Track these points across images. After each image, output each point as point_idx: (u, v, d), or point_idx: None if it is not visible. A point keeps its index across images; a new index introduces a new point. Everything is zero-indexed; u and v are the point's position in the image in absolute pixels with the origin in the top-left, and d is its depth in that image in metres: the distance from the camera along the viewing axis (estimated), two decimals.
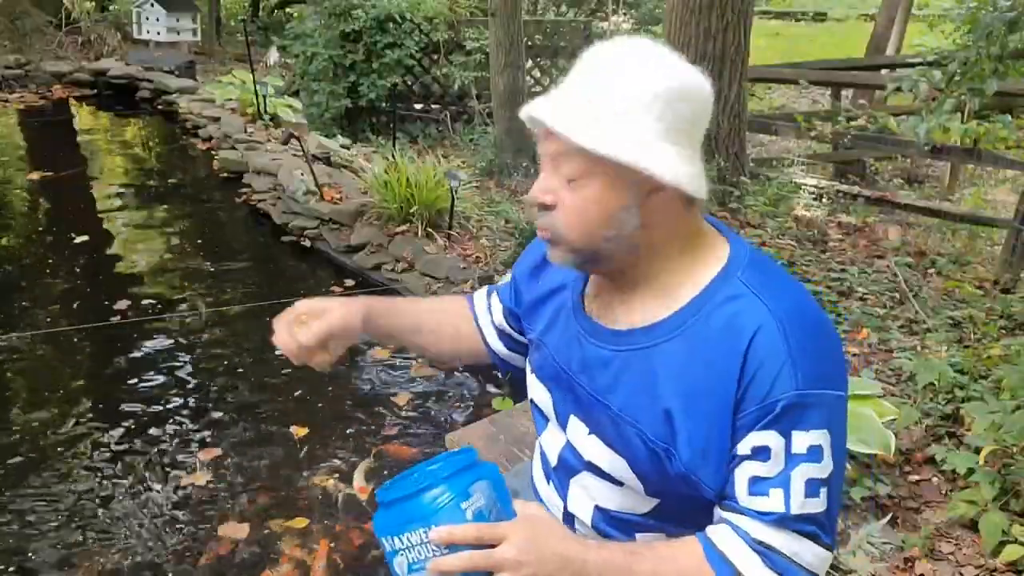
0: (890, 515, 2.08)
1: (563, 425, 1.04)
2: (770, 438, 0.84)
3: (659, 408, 0.91)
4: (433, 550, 0.80)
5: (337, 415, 2.87)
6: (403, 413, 2.90)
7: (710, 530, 0.91)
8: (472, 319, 1.24)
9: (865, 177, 6.22)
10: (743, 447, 0.86)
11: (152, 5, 9.41)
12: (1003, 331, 3.17)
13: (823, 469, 0.85)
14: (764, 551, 0.86)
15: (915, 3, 9.30)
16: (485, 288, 1.28)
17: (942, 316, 3.30)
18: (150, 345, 3.33)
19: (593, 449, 0.99)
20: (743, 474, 0.86)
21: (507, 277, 1.24)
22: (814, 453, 0.84)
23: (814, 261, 3.97)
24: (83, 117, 8.08)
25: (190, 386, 3.03)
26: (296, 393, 3.00)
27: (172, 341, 3.38)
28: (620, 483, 0.98)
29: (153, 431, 2.71)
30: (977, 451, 2.18)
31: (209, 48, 11.28)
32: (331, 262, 4.34)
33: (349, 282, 4.10)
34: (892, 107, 6.58)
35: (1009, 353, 2.73)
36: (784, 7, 19.46)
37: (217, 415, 2.84)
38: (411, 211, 4.18)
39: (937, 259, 4.16)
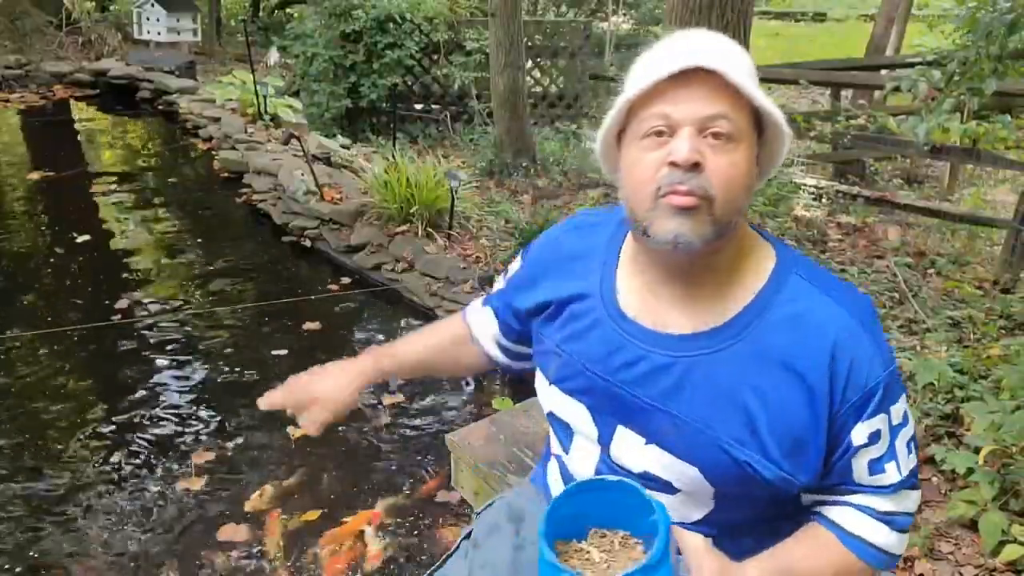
0: None
1: (606, 437, 0.99)
2: (878, 422, 0.90)
3: (736, 413, 0.89)
4: None
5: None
6: (402, 412, 2.91)
7: (834, 516, 0.96)
8: (470, 339, 1.23)
9: (865, 177, 6.21)
10: (858, 437, 0.90)
11: (152, 5, 9.41)
12: (1003, 331, 3.17)
13: (911, 427, 0.95)
14: (889, 518, 0.95)
15: (915, 3, 9.29)
16: (480, 301, 1.25)
17: (942, 316, 3.30)
18: (150, 345, 3.34)
19: (651, 459, 0.95)
20: (861, 460, 0.92)
21: (498, 283, 1.21)
22: (906, 418, 0.93)
23: (814, 261, 3.98)
24: (83, 117, 8.08)
25: (190, 386, 3.04)
26: None
27: (172, 340, 3.39)
28: (676, 490, 0.96)
29: (152, 431, 2.72)
30: (977, 451, 2.19)
31: (209, 48, 11.28)
32: (331, 262, 4.34)
33: (345, 280, 4.10)
34: (892, 107, 6.58)
35: (1009, 353, 2.73)
36: (784, 7, 19.46)
37: (216, 415, 2.84)
38: (411, 211, 4.18)
39: (937, 259, 4.16)
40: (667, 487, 0.96)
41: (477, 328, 1.22)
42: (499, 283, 1.20)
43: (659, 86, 0.86)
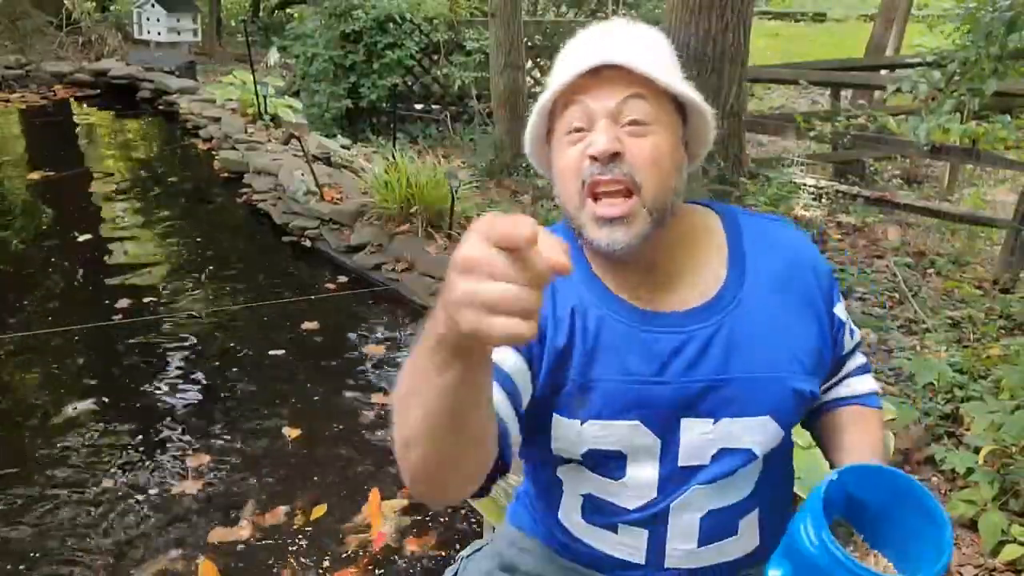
0: None
1: (670, 440, 0.93)
2: (840, 297, 1.04)
3: (779, 348, 0.95)
4: None
5: (330, 414, 2.87)
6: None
7: (848, 391, 1.08)
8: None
9: (864, 177, 6.21)
10: (841, 314, 1.03)
11: (153, 5, 9.41)
12: (1002, 331, 3.17)
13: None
14: (868, 366, 1.12)
15: (915, 3, 9.29)
16: None
17: (941, 316, 3.30)
18: (150, 344, 3.34)
19: (724, 435, 0.93)
20: (846, 331, 1.05)
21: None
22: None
23: None
24: (84, 117, 8.08)
25: (189, 386, 3.03)
26: (294, 393, 3.00)
27: (172, 340, 3.39)
28: (750, 457, 0.94)
29: (150, 432, 2.71)
30: (976, 451, 2.19)
31: (209, 48, 11.29)
32: (331, 262, 4.34)
33: (346, 280, 4.10)
34: (892, 107, 6.58)
35: (1008, 353, 2.73)
36: (784, 7, 19.45)
37: (214, 416, 2.84)
38: (411, 211, 4.18)
39: (936, 259, 4.17)
40: (746, 457, 0.94)
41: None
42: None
43: (575, 84, 0.87)
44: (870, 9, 14.26)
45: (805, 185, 5.04)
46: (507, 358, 0.92)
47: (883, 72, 6.98)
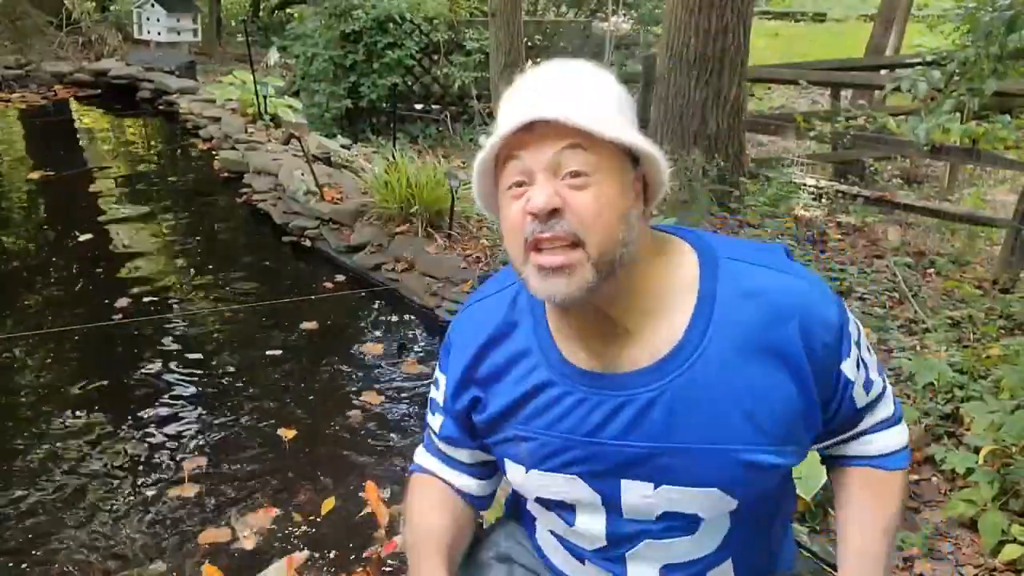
0: None
1: (610, 498, 0.94)
2: (854, 349, 0.94)
3: (736, 415, 0.87)
4: None
5: (329, 414, 2.86)
6: (397, 411, 2.91)
7: (863, 450, 1.01)
8: (450, 491, 1.10)
9: (864, 177, 6.22)
10: (849, 373, 0.93)
11: (152, 5, 9.41)
12: (1002, 331, 3.17)
13: (862, 329, 0.99)
14: (896, 418, 1.02)
15: (915, 4, 9.29)
16: (427, 451, 1.13)
17: (941, 316, 3.30)
18: (149, 345, 3.34)
19: (667, 499, 0.91)
20: (858, 388, 0.96)
21: (434, 421, 1.10)
22: (858, 328, 0.97)
23: (813, 261, 3.98)
24: (84, 117, 8.08)
25: (188, 386, 3.03)
26: (294, 393, 3.00)
27: (171, 341, 3.39)
28: (697, 523, 0.93)
29: (149, 433, 2.71)
30: (976, 451, 2.19)
31: (209, 48, 11.29)
32: (331, 262, 4.34)
33: (346, 280, 4.10)
34: (892, 107, 6.58)
35: (1008, 353, 2.73)
36: (784, 7, 19.45)
37: (213, 415, 2.84)
38: (411, 211, 4.19)
39: (936, 259, 4.17)
40: (691, 522, 0.93)
41: (443, 472, 1.11)
42: (435, 421, 1.09)
43: (512, 139, 0.84)
44: (870, 9, 14.26)
45: (805, 185, 5.04)
46: (456, 452, 1.08)
47: (883, 72, 6.98)
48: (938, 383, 2.56)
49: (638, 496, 0.92)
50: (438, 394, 1.07)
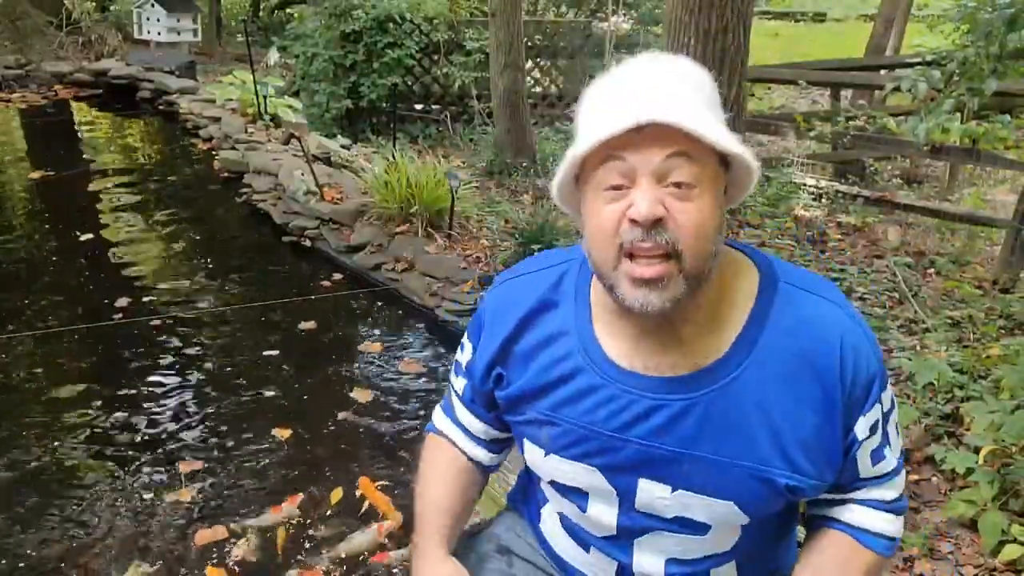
0: None
1: (625, 493, 0.94)
2: (875, 412, 0.91)
3: (762, 435, 0.87)
4: None
5: (328, 414, 2.86)
6: (395, 410, 2.90)
7: (846, 517, 0.97)
8: (463, 457, 1.13)
9: (864, 177, 6.22)
10: (861, 431, 0.90)
11: (152, 5, 9.42)
12: (1002, 331, 3.17)
13: (896, 410, 0.95)
14: (895, 506, 0.97)
15: (915, 3, 9.29)
16: (444, 413, 1.15)
17: (941, 316, 3.30)
18: (149, 345, 3.33)
19: (682, 504, 0.92)
20: (864, 453, 0.92)
21: (457, 383, 1.11)
22: (893, 403, 0.94)
23: (813, 261, 3.98)
24: (84, 117, 8.08)
25: (188, 386, 3.03)
26: (294, 393, 3.00)
27: (171, 340, 3.39)
28: (706, 529, 0.93)
29: (147, 433, 2.71)
30: (976, 451, 2.19)
31: (209, 48, 11.29)
32: (331, 262, 4.34)
33: (346, 280, 4.10)
34: (891, 107, 6.59)
35: (1008, 353, 2.73)
36: (784, 7, 19.45)
37: (212, 415, 2.84)
38: (411, 211, 4.19)
39: (936, 259, 4.17)
40: (700, 528, 0.93)
41: (457, 437, 1.13)
42: (458, 383, 1.10)
43: (618, 137, 0.80)
44: (870, 9, 14.26)
45: (805, 185, 5.05)
46: (473, 423, 1.10)
47: (883, 72, 6.98)
48: (938, 383, 2.56)
49: (655, 496, 0.92)
50: (463, 357, 1.08)
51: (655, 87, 0.82)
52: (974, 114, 4.41)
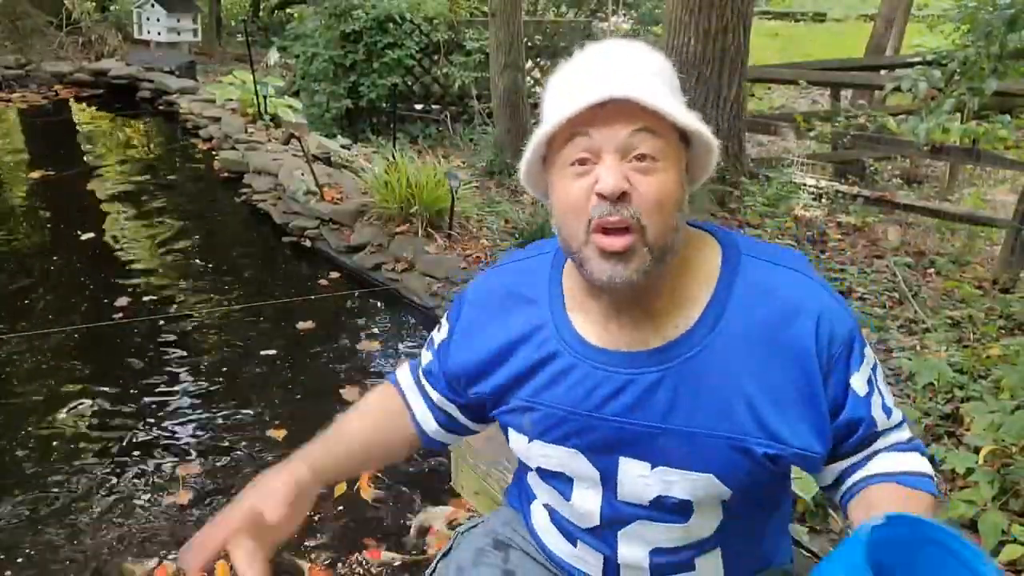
0: None
1: (609, 474, 0.95)
2: (866, 369, 0.92)
3: (738, 404, 0.88)
4: None
5: (328, 414, 2.86)
6: None
7: (881, 467, 0.95)
8: (407, 414, 1.12)
9: (864, 177, 6.22)
10: (860, 388, 0.91)
11: (152, 5, 9.42)
12: (1002, 331, 3.17)
13: (879, 367, 0.97)
14: (914, 445, 0.98)
15: (915, 3, 9.29)
16: (409, 370, 1.14)
17: (941, 316, 3.30)
18: (149, 344, 3.34)
19: (662, 482, 0.92)
20: (876, 407, 0.93)
21: (425, 355, 1.11)
22: (876, 361, 0.95)
23: (813, 261, 3.98)
24: (84, 117, 8.09)
25: (188, 386, 3.03)
26: (293, 393, 3.00)
27: (171, 340, 3.39)
28: (689, 512, 0.93)
29: (145, 434, 2.71)
30: (976, 451, 2.19)
31: (209, 48, 11.29)
32: (331, 262, 4.34)
33: (342, 279, 4.10)
34: (891, 107, 6.59)
35: (1008, 353, 2.73)
36: (784, 7, 19.45)
37: (211, 415, 2.84)
38: (411, 211, 4.19)
39: (936, 259, 4.17)
40: (683, 508, 0.93)
41: (416, 406, 1.12)
42: (426, 356, 1.11)
43: (582, 114, 0.83)
44: (870, 9, 14.26)
45: (805, 185, 5.05)
46: (432, 393, 1.09)
47: (883, 72, 6.98)
48: (938, 383, 2.56)
49: (635, 475, 0.93)
50: (438, 336, 1.09)
51: (617, 67, 0.86)
52: (974, 114, 4.41)
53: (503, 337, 0.99)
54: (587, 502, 0.98)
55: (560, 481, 0.99)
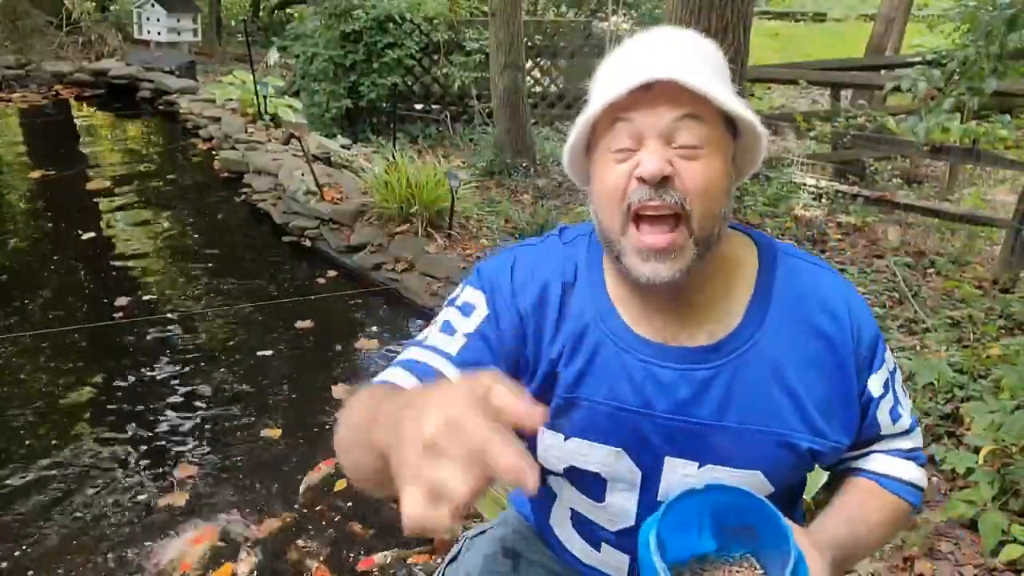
0: None
1: (651, 474, 0.91)
2: (884, 371, 0.93)
3: (785, 401, 0.88)
4: None
5: (326, 413, 2.86)
6: None
7: (868, 466, 0.98)
8: None
9: (864, 177, 6.21)
10: (875, 389, 0.92)
11: (153, 5, 9.42)
12: (1002, 331, 3.17)
13: (898, 370, 0.98)
14: (913, 455, 0.98)
15: (915, 3, 9.29)
16: (400, 371, 0.89)
17: (941, 316, 3.30)
18: (149, 344, 3.34)
19: (710, 479, 0.88)
20: (884, 412, 0.94)
21: (453, 342, 0.90)
22: (895, 364, 0.97)
23: None
24: (84, 117, 8.08)
25: (186, 385, 3.03)
26: (292, 393, 3.00)
27: (171, 341, 3.39)
28: None
29: (144, 432, 2.71)
30: (976, 451, 2.19)
31: (209, 48, 11.29)
32: (331, 262, 4.34)
33: (342, 278, 4.10)
34: (892, 107, 6.59)
35: (1008, 353, 2.73)
36: (784, 7, 19.44)
37: (210, 416, 2.84)
38: (411, 211, 4.18)
39: (936, 259, 4.17)
40: None
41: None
42: (453, 344, 0.91)
43: (626, 99, 0.80)
44: (870, 9, 14.26)
45: (805, 185, 5.04)
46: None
47: (883, 72, 6.98)
48: (938, 383, 2.56)
49: (680, 475, 0.90)
50: (468, 324, 0.93)
51: (662, 52, 0.83)
52: (974, 114, 4.41)
53: (559, 327, 0.91)
54: (624, 502, 0.94)
55: (594, 481, 0.94)
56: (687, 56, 0.83)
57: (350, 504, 2.37)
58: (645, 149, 0.81)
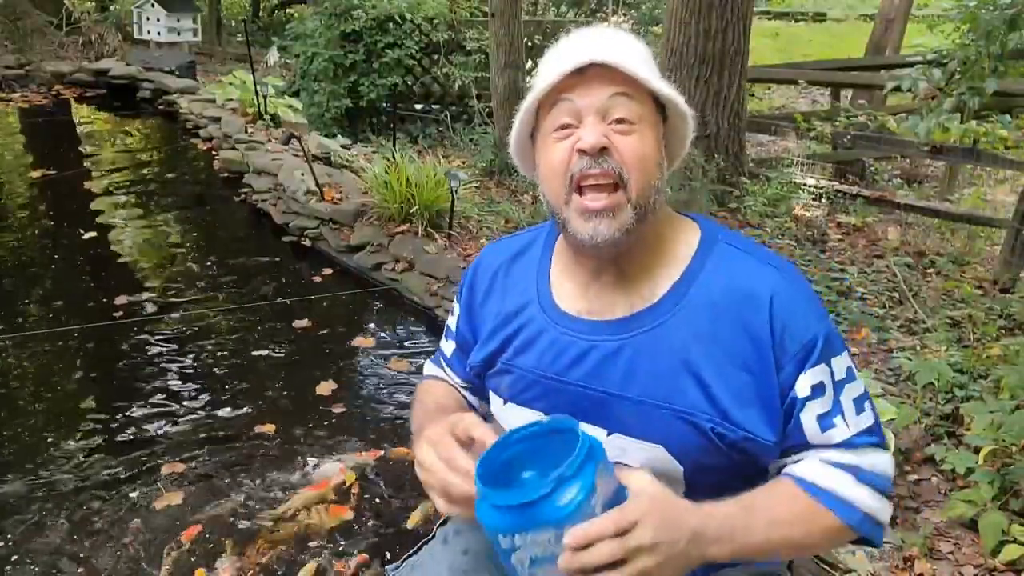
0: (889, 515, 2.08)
1: None
2: (820, 373, 0.92)
3: (690, 381, 0.91)
4: (562, 546, 0.76)
5: (325, 413, 2.86)
6: (389, 410, 2.90)
7: (798, 470, 0.93)
8: (458, 391, 1.21)
9: (864, 177, 6.21)
10: (802, 389, 0.91)
11: (152, 5, 9.42)
12: (1002, 331, 3.17)
13: (859, 386, 0.96)
14: (854, 470, 0.93)
15: (915, 3, 9.29)
16: (436, 368, 1.25)
17: (941, 316, 3.30)
18: (149, 344, 3.33)
19: (616, 448, 0.94)
20: (809, 415, 0.92)
21: (446, 346, 1.21)
22: (850, 374, 0.95)
23: (813, 261, 3.98)
24: (84, 117, 8.08)
25: (186, 385, 3.03)
26: (291, 393, 3.00)
27: (170, 341, 3.38)
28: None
29: (143, 432, 2.71)
30: (976, 451, 2.19)
31: (209, 48, 11.30)
32: (331, 262, 4.34)
33: (342, 278, 4.10)
34: (892, 107, 6.59)
35: (1008, 353, 2.74)
36: (784, 7, 19.45)
37: (210, 416, 2.84)
38: (411, 211, 4.18)
39: (936, 259, 4.17)
40: None
41: (459, 386, 1.21)
42: (448, 346, 1.20)
43: (562, 83, 0.91)
44: (870, 9, 14.26)
45: (805, 185, 5.04)
46: (454, 379, 1.20)
47: (883, 72, 6.98)
48: (938, 383, 2.56)
49: None
50: (451, 321, 1.18)
51: (596, 42, 0.93)
52: (974, 114, 4.41)
53: (500, 308, 1.06)
54: None
55: None
56: (618, 45, 0.93)
57: (350, 504, 2.37)
58: (584, 125, 0.91)
